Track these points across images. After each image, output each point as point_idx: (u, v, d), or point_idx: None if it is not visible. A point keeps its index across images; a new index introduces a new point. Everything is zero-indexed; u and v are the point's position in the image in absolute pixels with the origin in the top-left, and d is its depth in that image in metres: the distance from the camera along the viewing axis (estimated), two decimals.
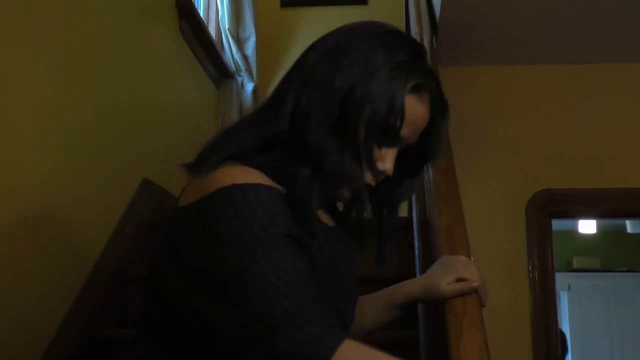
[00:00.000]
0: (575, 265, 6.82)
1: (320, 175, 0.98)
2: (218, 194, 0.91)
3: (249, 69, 4.19)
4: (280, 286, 0.82)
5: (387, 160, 1.04)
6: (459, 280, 1.23)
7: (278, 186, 0.95)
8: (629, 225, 6.06)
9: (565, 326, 6.67)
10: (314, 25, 4.38)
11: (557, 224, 3.34)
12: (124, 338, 2.27)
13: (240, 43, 4.13)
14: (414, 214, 2.29)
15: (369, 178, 1.04)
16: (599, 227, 6.23)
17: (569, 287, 6.76)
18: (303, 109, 1.00)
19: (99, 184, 2.43)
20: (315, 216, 1.04)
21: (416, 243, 2.12)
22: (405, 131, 1.02)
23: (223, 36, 4.11)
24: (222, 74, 4.06)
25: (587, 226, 6.11)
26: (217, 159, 0.98)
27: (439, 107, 1.08)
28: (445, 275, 1.22)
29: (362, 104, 0.98)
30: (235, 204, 0.89)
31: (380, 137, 1.02)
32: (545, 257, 3.13)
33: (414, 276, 1.68)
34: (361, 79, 0.99)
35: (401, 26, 3.39)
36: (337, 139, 0.98)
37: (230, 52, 4.09)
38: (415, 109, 1.02)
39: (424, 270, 1.43)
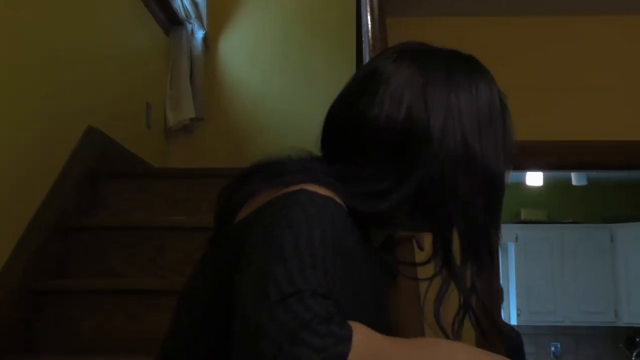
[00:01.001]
0: (522, 217, 6.97)
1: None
2: (285, 196, 0.84)
3: (199, 17, 4.11)
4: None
5: None
6: None
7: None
8: (574, 178, 6.19)
9: (512, 275, 6.84)
10: None
11: None
12: (65, 287, 2.26)
13: None
14: None
15: None
16: (545, 179, 6.34)
17: (516, 238, 6.90)
18: (445, 184, 0.93)
19: (41, 131, 2.38)
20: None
21: None
22: None
23: None
24: (171, 20, 3.97)
25: (534, 178, 6.23)
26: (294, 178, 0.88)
27: None
28: None
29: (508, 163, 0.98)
30: (302, 206, 0.81)
31: None
32: None
33: None
34: (503, 137, 0.98)
35: None
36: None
37: None
38: None
39: None
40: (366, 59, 1.91)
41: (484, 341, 0.99)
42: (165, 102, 3.95)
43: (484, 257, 0.94)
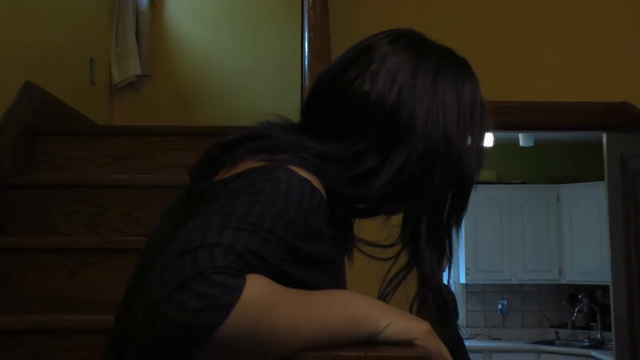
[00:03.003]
0: None
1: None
2: (266, 168, 0.86)
3: None
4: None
5: None
6: None
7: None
8: (521, 139, 6.28)
9: (461, 235, 6.95)
10: None
11: None
12: (3, 245, 2.23)
13: None
14: None
15: None
16: (494, 140, 6.41)
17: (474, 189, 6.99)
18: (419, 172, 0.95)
19: None
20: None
21: None
22: None
23: None
24: None
25: (485, 139, 6.27)
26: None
27: None
28: None
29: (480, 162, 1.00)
30: (275, 181, 0.83)
31: None
32: None
33: None
34: (478, 134, 1.00)
35: None
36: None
37: None
38: None
39: None
40: (305, 17, 1.90)
41: (439, 325, 1.00)
42: (110, 58, 3.88)
43: (445, 248, 0.97)
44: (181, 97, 4.09)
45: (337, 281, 0.91)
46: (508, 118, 3.31)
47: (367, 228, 1.08)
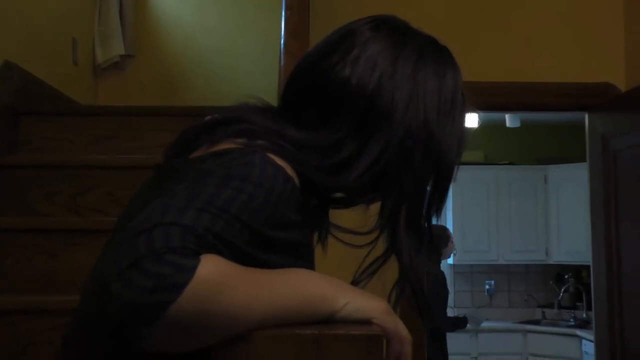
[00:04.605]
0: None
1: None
2: (241, 151, 0.85)
3: None
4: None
5: None
6: None
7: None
8: (508, 120, 6.28)
9: (449, 216, 6.97)
10: None
11: None
12: None
13: None
14: None
15: None
16: (481, 121, 6.39)
17: (454, 179, 7.00)
18: (396, 158, 0.95)
19: None
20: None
21: None
22: None
23: None
24: None
25: (470, 120, 6.25)
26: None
27: None
28: None
29: (460, 148, 1.00)
30: (249, 167, 0.81)
31: None
32: None
33: None
34: (458, 121, 1.00)
35: None
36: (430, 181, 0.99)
37: None
38: None
39: None
40: None
41: (419, 315, 1.01)
42: (93, 38, 3.84)
43: (424, 237, 0.97)
44: (167, 77, 4.07)
45: (305, 266, 0.90)
46: (488, 98, 3.31)
47: (345, 217, 1.07)
